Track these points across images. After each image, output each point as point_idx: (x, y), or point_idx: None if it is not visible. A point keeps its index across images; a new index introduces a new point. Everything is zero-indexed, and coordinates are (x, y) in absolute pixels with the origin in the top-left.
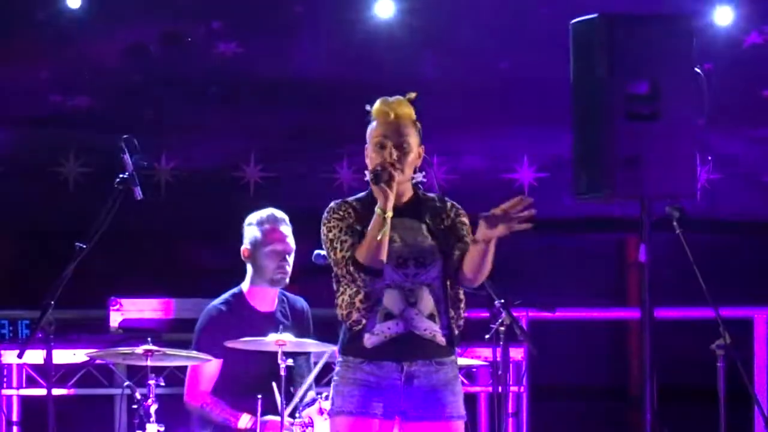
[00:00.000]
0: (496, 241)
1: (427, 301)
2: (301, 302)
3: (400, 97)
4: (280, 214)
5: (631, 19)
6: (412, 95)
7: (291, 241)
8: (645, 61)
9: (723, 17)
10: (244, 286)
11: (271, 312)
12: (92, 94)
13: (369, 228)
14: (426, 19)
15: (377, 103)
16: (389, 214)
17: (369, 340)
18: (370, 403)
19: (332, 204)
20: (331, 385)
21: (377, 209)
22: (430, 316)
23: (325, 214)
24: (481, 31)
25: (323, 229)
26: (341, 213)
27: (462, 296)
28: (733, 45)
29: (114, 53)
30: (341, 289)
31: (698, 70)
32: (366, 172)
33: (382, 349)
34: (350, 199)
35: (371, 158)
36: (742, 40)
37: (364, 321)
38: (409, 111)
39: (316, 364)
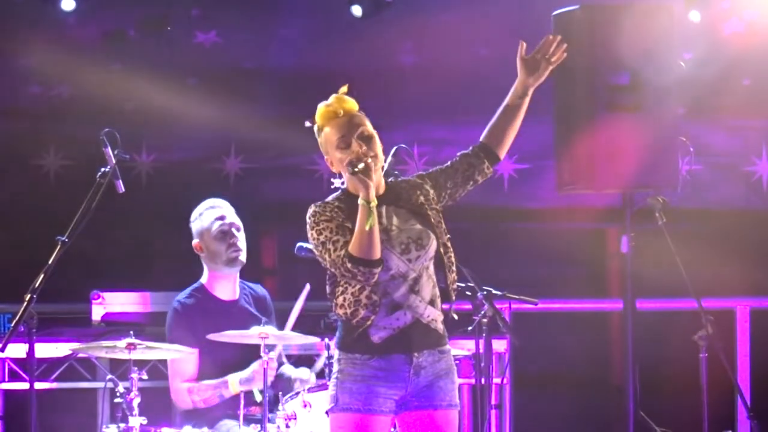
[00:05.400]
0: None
1: (427, 287)
2: (261, 289)
3: (336, 95)
4: (217, 200)
5: (612, 9)
6: (345, 89)
7: (235, 219)
8: (626, 53)
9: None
10: (203, 279)
11: (234, 300)
12: (72, 85)
13: (357, 221)
14: (405, 8)
15: (319, 110)
16: (374, 203)
17: (377, 335)
18: (378, 399)
19: (315, 208)
20: (333, 381)
21: (360, 201)
22: (431, 302)
23: (311, 218)
24: (460, 20)
25: (312, 233)
26: (329, 213)
27: (453, 259)
28: (713, 33)
29: (93, 43)
30: (340, 289)
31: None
32: (346, 166)
33: (391, 342)
34: (329, 199)
35: (339, 159)
36: (722, 28)
37: (372, 317)
38: (352, 103)
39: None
